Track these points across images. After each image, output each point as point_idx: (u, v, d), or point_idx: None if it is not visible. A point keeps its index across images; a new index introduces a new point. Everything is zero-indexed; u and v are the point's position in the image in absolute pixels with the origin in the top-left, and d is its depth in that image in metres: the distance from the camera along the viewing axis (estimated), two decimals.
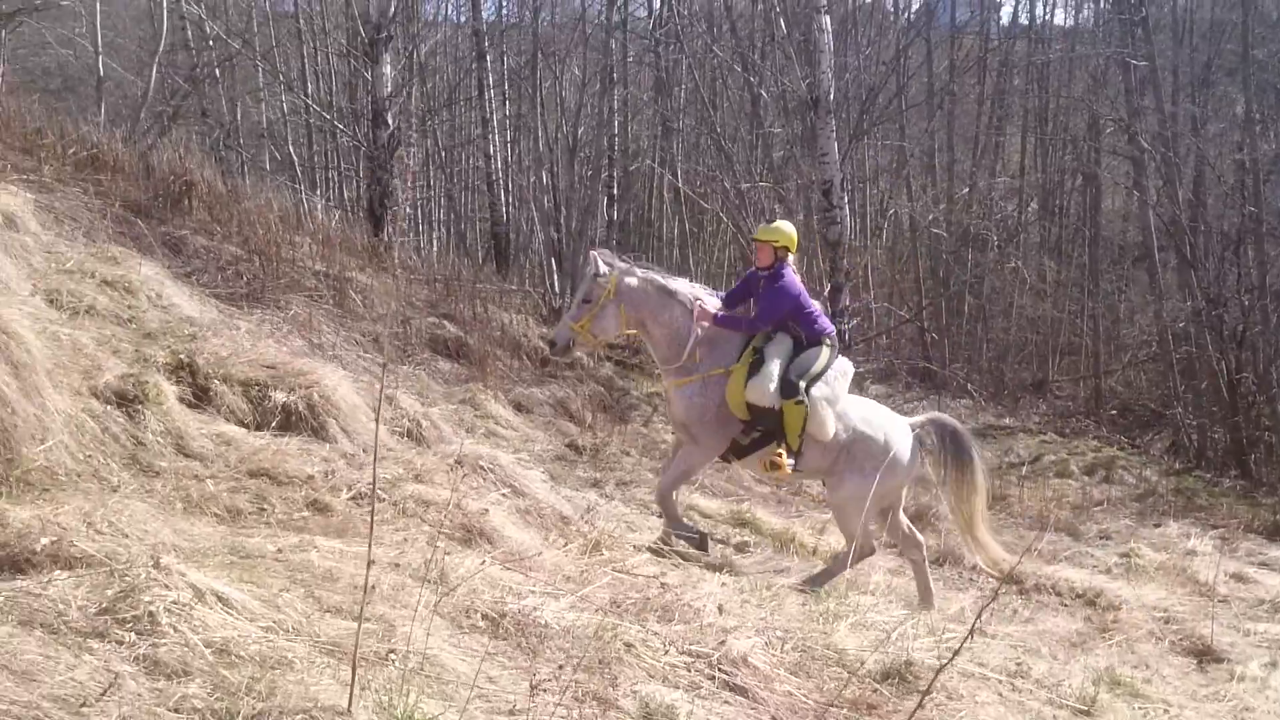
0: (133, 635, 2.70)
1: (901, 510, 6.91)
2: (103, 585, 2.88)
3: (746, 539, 7.82)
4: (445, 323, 11.19)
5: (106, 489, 4.24)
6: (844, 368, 6.79)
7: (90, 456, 4.44)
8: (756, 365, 6.48)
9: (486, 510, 4.70)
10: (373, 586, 3.32)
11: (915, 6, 23.08)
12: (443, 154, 22.14)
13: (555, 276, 16.75)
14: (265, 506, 4.46)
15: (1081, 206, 22.25)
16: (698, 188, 19.33)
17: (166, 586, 2.88)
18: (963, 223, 19.25)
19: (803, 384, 6.44)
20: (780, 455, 6.45)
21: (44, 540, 3.09)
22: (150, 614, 2.76)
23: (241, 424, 5.37)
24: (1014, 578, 7.76)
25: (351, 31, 16.26)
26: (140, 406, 4.87)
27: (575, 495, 7.01)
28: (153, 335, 5.91)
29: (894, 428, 6.71)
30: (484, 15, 19.93)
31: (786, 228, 6.87)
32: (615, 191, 18.94)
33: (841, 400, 6.63)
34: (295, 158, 19.95)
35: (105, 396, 4.84)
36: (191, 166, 11.37)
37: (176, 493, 4.40)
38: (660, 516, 6.74)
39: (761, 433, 6.52)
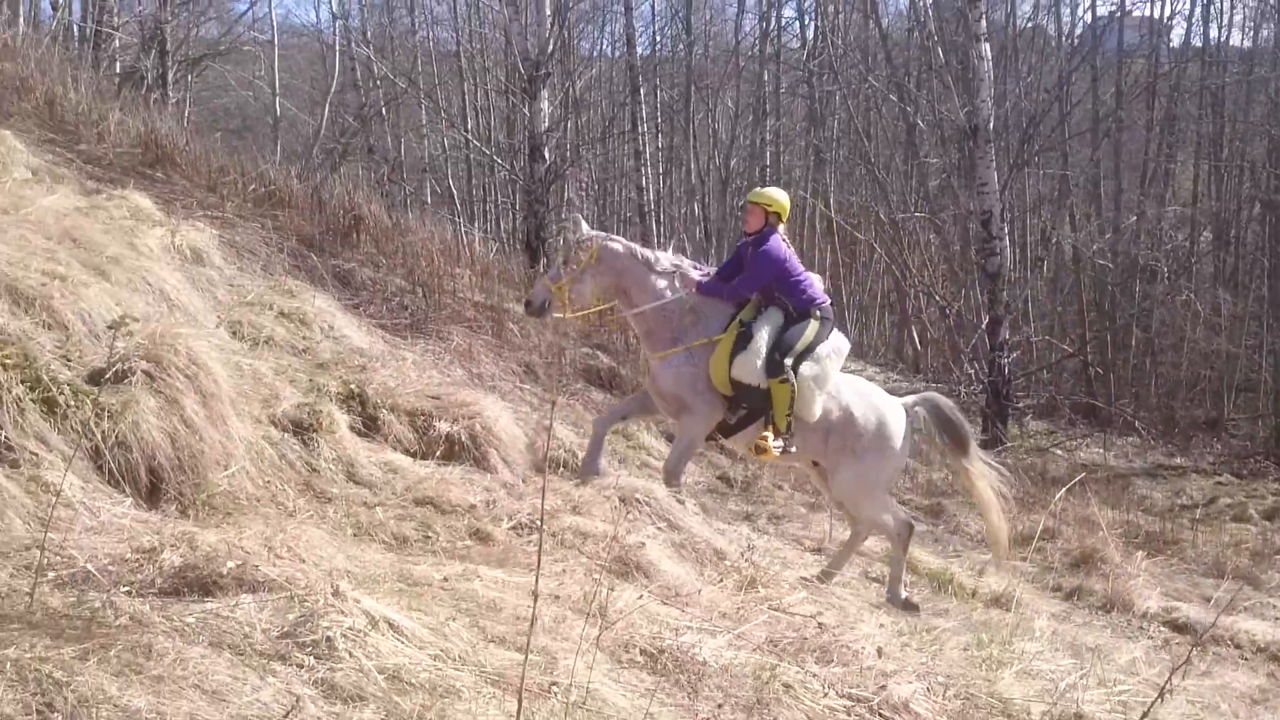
0: (311, 659, 2.81)
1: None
2: (284, 609, 3.01)
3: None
4: (598, 353, 11.34)
5: (284, 514, 4.43)
6: (837, 345, 6.45)
7: (269, 482, 4.65)
8: (743, 339, 6.19)
9: (643, 544, 4.72)
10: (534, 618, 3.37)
11: (1079, 31, 22.42)
12: (596, 186, 22.53)
13: None
14: (430, 534, 4.58)
15: (1260, 236, 21.17)
16: (851, 218, 19.17)
17: (342, 613, 2.98)
18: (1130, 253, 18.54)
19: (789, 362, 6.13)
20: (766, 438, 6.17)
21: (230, 564, 3.24)
22: (328, 639, 2.86)
23: (408, 453, 5.55)
24: (1183, 627, 7.41)
25: (510, 69, 16.73)
26: (315, 435, 5.08)
27: (728, 529, 6.97)
28: (325, 365, 6.16)
29: (888, 407, 6.47)
30: (639, 50, 20.24)
31: (778, 193, 6.65)
32: None
33: (832, 379, 6.34)
34: (455, 191, 20.61)
35: (283, 425, 5.07)
36: (359, 201, 11.88)
37: (347, 519, 4.57)
38: (817, 552, 6.66)
39: (747, 410, 6.27)
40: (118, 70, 17.02)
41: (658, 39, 21.16)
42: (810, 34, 20.02)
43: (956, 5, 15.29)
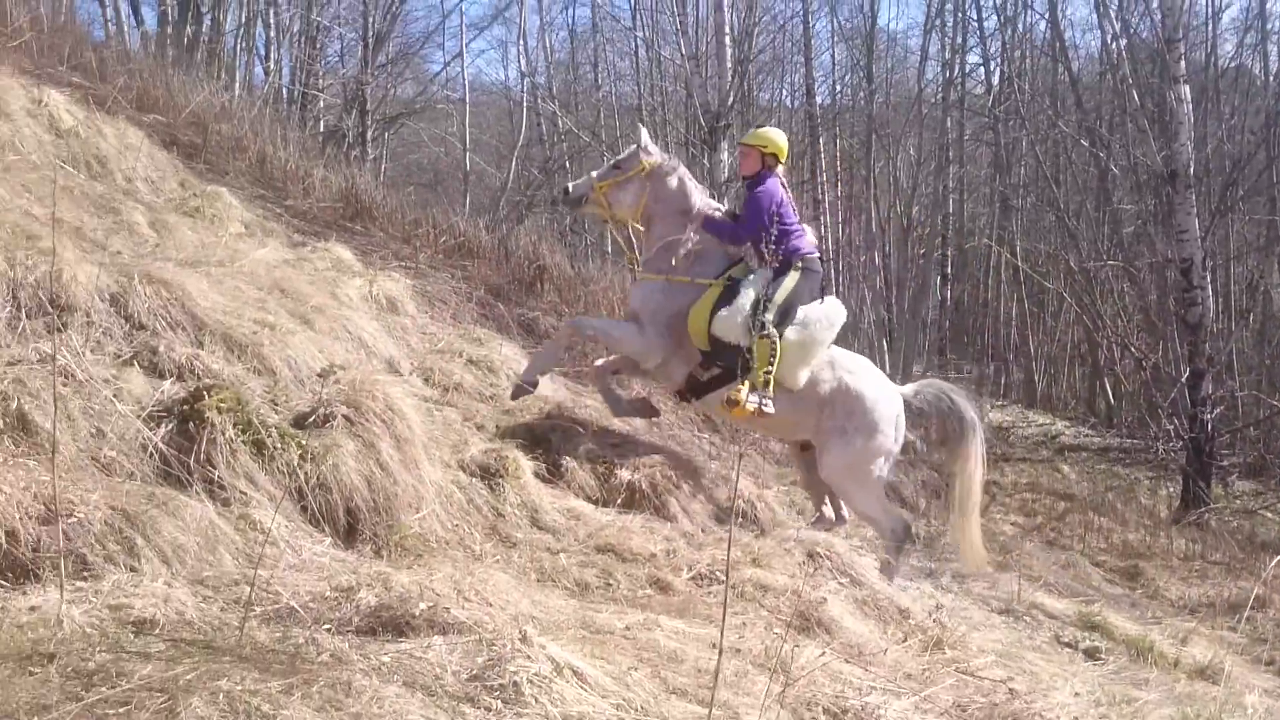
0: (499, 703, 2.85)
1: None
2: (473, 652, 3.07)
3: (1097, 644, 7.25)
4: None
5: (471, 557, 4.55)
6: (828, 312, 6.17)
7: (457, 525, 4.78)
8: (729, 295, 5.99)
9: (825, 599, 4.63)
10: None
11: None
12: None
13: (886, 357, 16.50)
14: (611, 582, 4.62)
15: None
16: (1039, 266, 18.54)
17: (529, 658, 3.02)
18: None
19: (769, 317, 5.90)
20: (740, 391, 5.87)
21: (422, 605, 3.33)
22: (515, 684, 2.91)
23: (589, 500, 5.62)
24: None
25: (691, 121, 16.94)
26: (501, 480, 5.20)
27: (910, 585, 6.78)
28: (511, 412, 6.31)
29: (881, 387, 6.18)
30: (818, 99, 20.22)
31: (774, 133, 6.45)
32: (949, 270, 18.53)
33: (823, 349, 6.08)
34: (635, 241, 20.92)
35: (471, 469, 5.21)
36: (543, 251, 12.18)
37: (531, 564, 4.65)
38: (1005, 613, 6.38)
39: (721, 370, 6.04)
40: (322, 129, 18.09)
41: (837, 88, 21.11)
42: (995, 79, 19.56)
43: (1153, 47, 14.69)
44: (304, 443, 4.37)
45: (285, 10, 19.39)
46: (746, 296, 5.97)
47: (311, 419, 4.54)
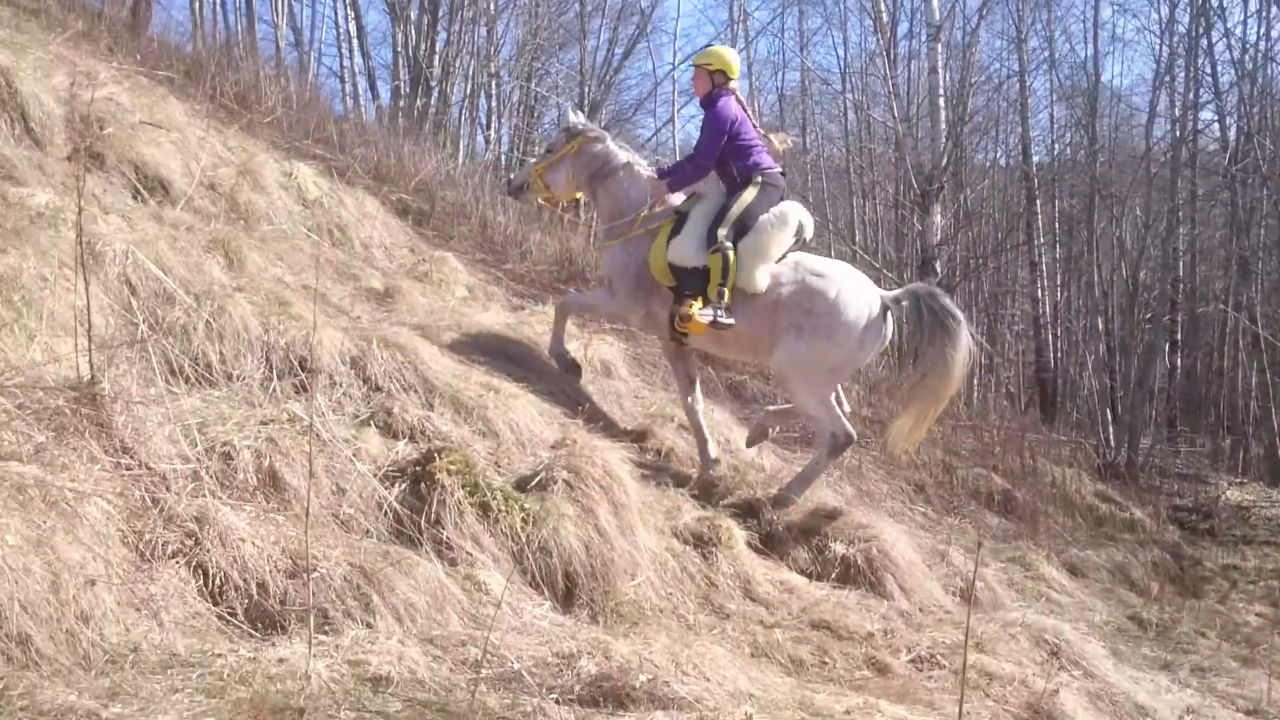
0: None
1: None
2: None
3: None
4: (991, 474, 10.82)
5: (685, 626, 4.53)
6: (785, 214, 6.00)
7: (671, 594, 4.78)
8: (679, 225, 6.04)
9: (1056, 691, 4.38)
10: None
11: None
12: (985, 299, 21.84)
13: (1110, 428, 15.67)
14: (826, 660, 4.51)
15: None
16: None
17: None
18: None
19: (723, 232, 5.86)
20: (691, 305, 5.82)
21: (642, 677, 3.33)
22: None
23: (803, 572, 5.52)
24: None
25: (901, 182, 16.72)
26: (714, 549, 5.18)
27: (1143, 678, 6.34)
28: (722, 479, 6.29)
29: (851, 287, 5.89)
30: (1035, 159, 19.60)
31: (722, 50, 6.45)
32: (1179, 338, 17.49)
33: (777, 250, 5.93)
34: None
35: (684, 537, 5.21)
36: None
37: (744, 636, 4.59)
38: (1252, 714, 5.88)
39: (689, 297, 5.92)
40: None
41: (1056, 147, 20.39)
42: (1232, 135, 18.46)
43: None
44: (526, 506, 4.47)
45: (506, 82, 20.32)
46: (695, 221, 6.03)
47: (533, 482, 4.66)
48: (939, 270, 14.67)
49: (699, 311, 5.85)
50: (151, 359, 4.23)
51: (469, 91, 19.18)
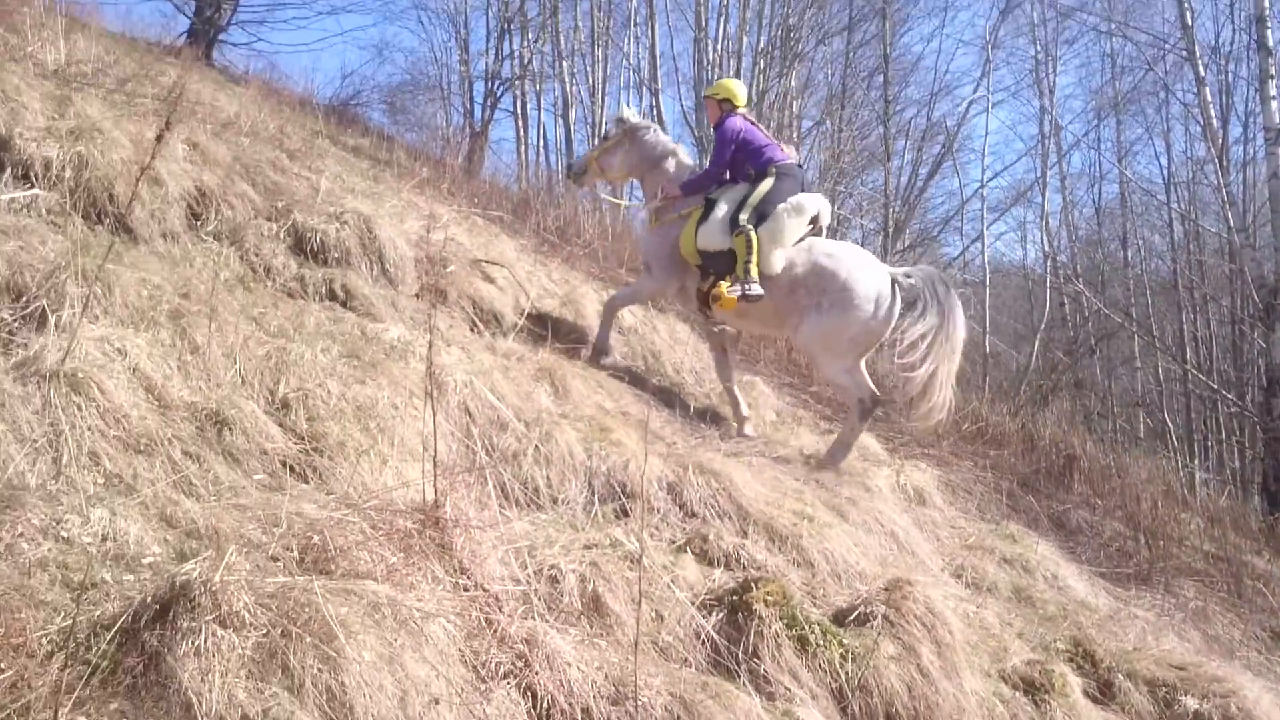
0: None
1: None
2: None
3: None
4: None
5: None
6: (800, 203, 6.68)
7: None
8: (707, 212, 6.81)
9: None
10: None
11: None
12: None
13: None
14: None
15: None
16: None
17: None
18: None
19: (744, 217, 6.61)
20: (721, 286, 6.59)
21: None
22: None
23: None
24: None
25: (1240, 295, 15.45)
26: (1046, 696, 4.80)
27: None
28: (1051, 619, 5.88)
29: (860, 266, 6.53)
30: None
31: (728, 82, 7.50)
32: None
33: (793, 234, 6.59)
34: (1171, 426, 19.19)
35: (1012, 681, 4.87)
36: (1072, 439, 11.50)
37: None
38: None
39: (715, 276, 6.74)
40: None
41: None
42: None
43: None
44: (844, 641, 4.33)
45: None
46: (721, 207, 6.79)
47: (851, 617, 4.52)
48: None
49: (728, 289, 6.59)
50: (488, 484, 4.48)
51: None
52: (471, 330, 6.57)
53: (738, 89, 7.39)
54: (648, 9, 19.54)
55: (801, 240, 6.72)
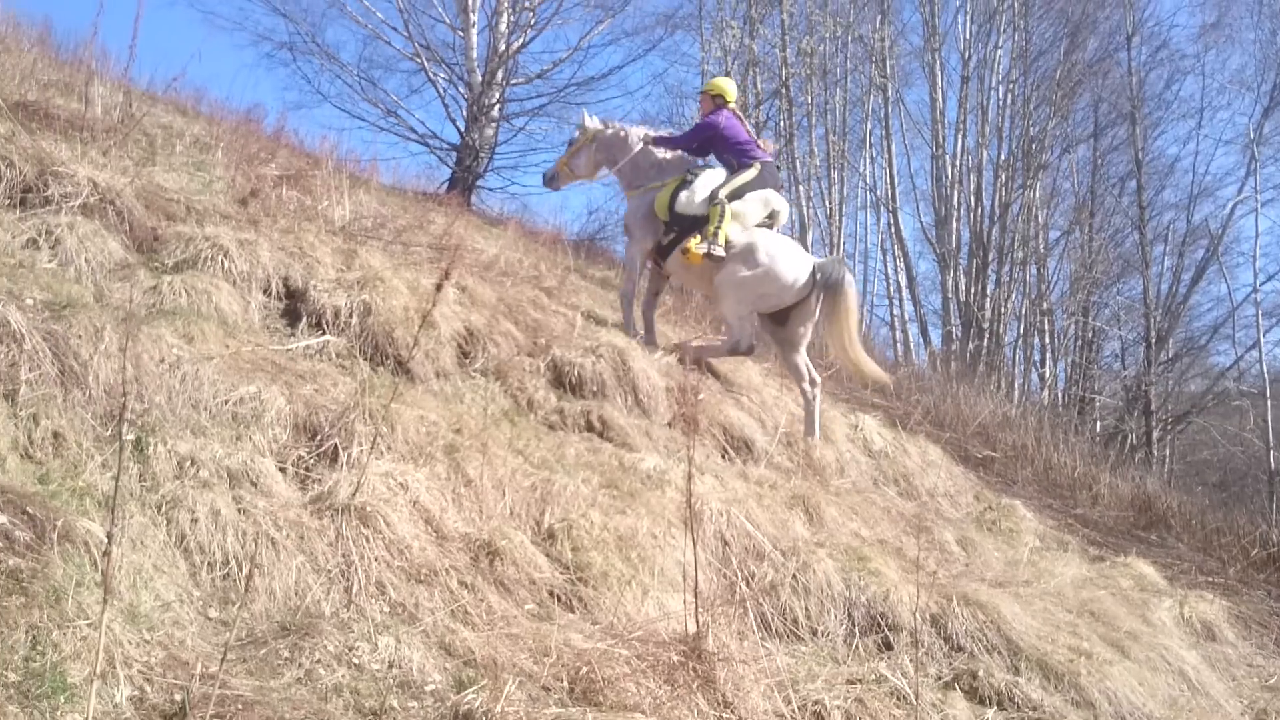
0: None
1: (802, 350, 7.81)
2: None
3: None
4: None
5: None
6: (767, 197, 7.87)
7: None
8: (686, 184, 7.86)
9: None
10: None
11: None
12: None
13: None
14: None
15: None
16: None
17: None
18: None
19: (724, 193, 7.73)
20: (691, 242, 7.65)
21: None
22: None
23: None
24: None
25: None
26: None
27: None
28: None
29: (786, 251, 7.76)
30: None
31: (720, 80, 8.55)
32: None
33: (747, 215, 7.74)
34: None
35: None
36: None
37: None
38: None
39: (677, 233, 7.80)
40: (1097, 430, 17.74)
41: None
42: None
43: None
44: None
45: (1060, 319, 19.83)
46: (703, 182, 7.85)
47: None
48: None
49: (696, 245, 7.62)
50: (749, 615, 4.46)
51: (1021, 331, 18.93)
52: (723, 457, 6.63)
53: (729, 87, 8.46)
54: (883, 130, 19.66)
55: (761, 230, 7.91)
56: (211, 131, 8.70)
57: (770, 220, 7.98)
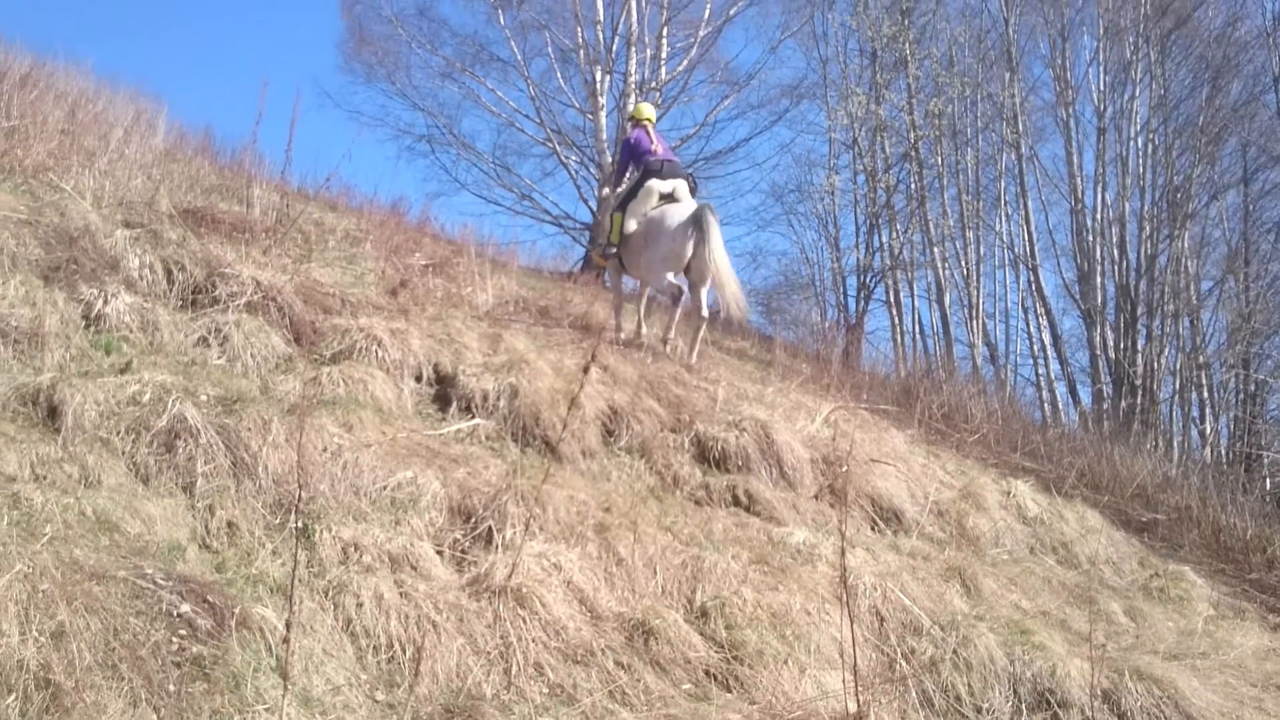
0: None
1: (700, 291, 8.53)
2: None
3: None
4: None
5: None
6: (649, 188, 8.76)
7: None
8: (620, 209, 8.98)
9: None
10: None
11: None
12: None
13: None
14: None
15: None
16: None
17: None
18: None
19: (615, 204, 9.18)
20: (596, 249, 10.00)
21: None
22: None
23: None
24: None
25: None
26: None
27: None
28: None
29: (669, 214, 8.51)
30: None
31: (641, 105, 10.02)
32: None
33: (645, 208, 8.71)
34: None
35: None
36: None
37: None
38: None
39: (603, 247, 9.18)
40: (1267, 488, 16.77)
41: None
42: None
43: None
44: None
45: (1218, 372, 18.96)
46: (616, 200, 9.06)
47: None
48: None
49: (597, 253, 9.27)
50: (910, 693, 4.34)
51: (1177, 386, 18.16)
52: (872, 529, 6.51)
53: (645, 109, 9.61)
54: (1018, 187, 19.28)
55: (656, 208, 8.70)
56: (360, 225, 9.10)
57: (669, 199, 8.81)
